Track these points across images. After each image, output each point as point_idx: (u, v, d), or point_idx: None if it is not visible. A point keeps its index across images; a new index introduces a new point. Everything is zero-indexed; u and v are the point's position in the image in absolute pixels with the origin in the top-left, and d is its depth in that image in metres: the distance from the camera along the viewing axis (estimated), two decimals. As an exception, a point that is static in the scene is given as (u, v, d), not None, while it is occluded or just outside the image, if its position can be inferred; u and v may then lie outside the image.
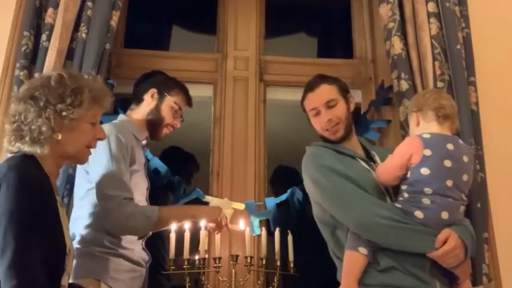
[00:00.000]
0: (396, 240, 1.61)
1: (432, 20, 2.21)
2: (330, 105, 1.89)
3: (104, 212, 1.74)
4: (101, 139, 1.55)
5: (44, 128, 1.37)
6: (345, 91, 1.94)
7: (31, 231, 1.26)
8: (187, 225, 1.94)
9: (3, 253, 1.22)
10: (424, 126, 1.77)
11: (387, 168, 1.74)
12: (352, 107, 1.95)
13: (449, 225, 1.62)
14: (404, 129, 2.15)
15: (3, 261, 1.22)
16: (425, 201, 1.63)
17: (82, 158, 1.53)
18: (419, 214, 1.62)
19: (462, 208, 1.69)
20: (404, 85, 2.16)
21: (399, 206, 1.66)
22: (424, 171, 1.65)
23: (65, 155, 1.46)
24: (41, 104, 1.39)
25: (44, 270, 1.25)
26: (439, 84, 2.13)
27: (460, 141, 1.76)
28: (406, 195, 1.68)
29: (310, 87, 1.97)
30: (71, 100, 1.41)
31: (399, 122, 2.22)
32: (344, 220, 1.70)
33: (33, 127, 1.37)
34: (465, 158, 1.69)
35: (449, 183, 1.64)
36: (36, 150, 1.38)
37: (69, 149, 1.45)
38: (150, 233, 1.86)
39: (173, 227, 1.91)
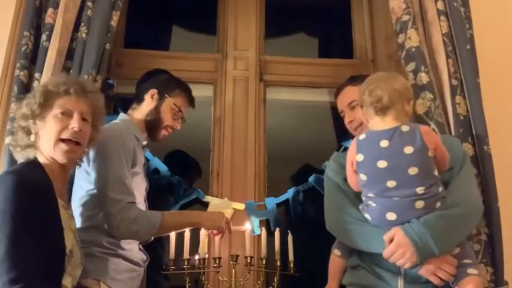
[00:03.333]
0: (355, 240, 1.66)
1: (442, 18, 2.19)
2: (352, 106, 1.89)
3: (106, 215, 1.73)
4: (73, 128, 1.51)
5: (20, 134, 1.48)
6: None
7: (25, 231, 1.28)
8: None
9: None
10: (371, 124, 1.67)
11: (348, 177, 1.72)
12: None
13: (401, 224, 1.55)
14: (425, 122, 2.04)
15: None
16: (371, 204, 1.61)
17: (58, 153, 1.50)
18: (367, 217, 1.64)
19: (421, 203, 1.54)
20: (425, 78, 2.09)
21: (360, 209, 1.68)
22: (362, 176, 1.62)
23: (50, 156, 1.49)
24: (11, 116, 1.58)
25: (38, 268, 1.26)
26: (454, 82, 2.09)
27: (405, 128, 1.58)
28: (363, 198, 1.67)
29: (337, 90, 1.99)
30: (27, 102, 1.51)
31: (414, 116, 2.09)
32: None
33: (14, 136, 1.51)
34: (409, 149, 1.55)
35: (390, 184, 1.55)
36: (29, 155, 1.47)
37: (44, 148, 1.49)
38: (152, 238, 1.85)
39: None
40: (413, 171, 1.54)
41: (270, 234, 2.15)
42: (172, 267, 1.99)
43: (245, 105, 2.61)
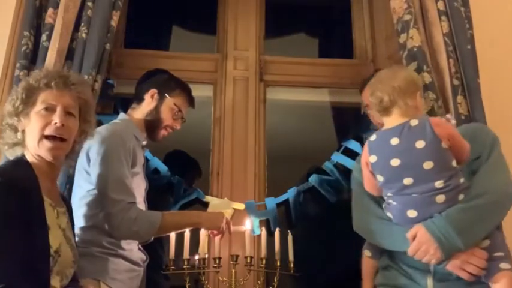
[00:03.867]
0: (380, 240, 1.65)
1: (443, 18, 2.19)
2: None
3: (107, 215, 1.73)
4: (56, 124, 1.44)
5: (7, 131, 1.45)
6: None
7: (5, 231, 1.24)
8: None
9: None
10: (383, 124, 1.65)
11: (364, 180, 1.69)
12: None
13: (424, 220, 1.52)
14: None
15: None
16: (392, 202, 1.60)
17: (43, 150, 1.44)
18: (390, 215, 1.62)
19: (442, 197, 1.50)
20: (427, 78, 2.09)
21: (384, 208, 1.66)
22: (379, 177, 1.60)
23: (36, 154, 1.44)
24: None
25: (20, 269, 1.23)
26: (455, 81, 2.09)
27: (414, 122, 1.54)
28: (384, 198, 1.65)
29: (362, 85, 1.92)
30: (11, 98, 1.47)
31: None
32: None
33: (2, 134, 1.47)
34: (420, 143, 1.51)
35: (407, 181, 1.53)
36: (17, 154, 1.44)
37: (29, 147, 1.45)
38: (152, 238, 1.85)
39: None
40: (428, 165, 1.50)
41: (270, 234, 2.15)
42: (172, 267, 1.99)
43: (245, 105, 2.61)
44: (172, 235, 1.96)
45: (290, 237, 2.10)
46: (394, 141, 1.55)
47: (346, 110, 2.97)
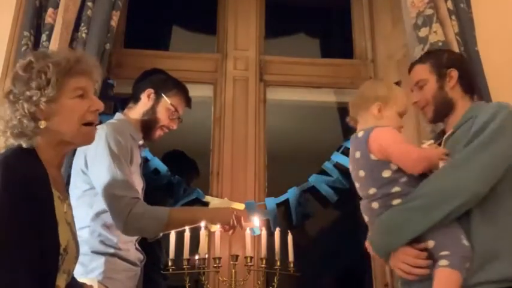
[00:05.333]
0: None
1: (453, 17, 2.19)
2: (419, 85, 1.77)
3: (113, 212, 1.72)
4: (97, 110, 1.38)
5: (24, 121, 1.29)
6: (442, 67, 1.75)
7: (16, 231, 1.18)
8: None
9: None
10: None
11: None
12: (451, 83, 1.73)
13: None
14: None
15: None
16: None
17: (83, 138, 1.38)
18: None
19: (376, 204, 1.56)
20: None
21: None
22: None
23: (62, 141, 1.35)
24: (12, 97, 1.31)
25: (29, 269, 1.17)
26: None
27: (361, 133, 1.63)
28: None
29: (409, 68, 1.86)
30: (37, 83, 1.30)
31: None
32: None
33: (14, 122, 1.29)
34: (357, 154, 1.61)
35: (357, 185, 1.64)
36: (21, 143, 1.29)
37: (62, 134, 1.33)
38: (161, 234, 1.85)
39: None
40: (361, 174, 1.60)
41: (270, 234, 2.15)
42: (172, 267, 1.99)
43: (245, 105, 2.61)
44: (172, 235, 1.96)
45: (290, 237, 2.10)
46: (352, 149, 1.67)
47: (346, 110, 2.96)
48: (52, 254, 1.25)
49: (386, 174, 1.56)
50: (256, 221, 2.07)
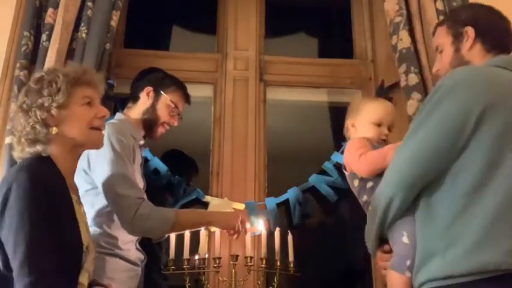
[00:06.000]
0: None
1: (441, 17, 2.20)
2: (439, 51, 1.57)
3: (119, 212, 1.72)
4: (104, 117, 1.52)
5: (37, 127, 1.39)
6: (458, 25, 1.52)
7: (43, 230, 1.26)
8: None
9: (15, 252, 1.23)
10: None
11: None
12: (467, 44, 1.49)
13: None
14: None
15: (15, 260, 1.23)
16: None
17: (93, 141, 1.50)
18: None
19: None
20: (414, 79, 2.12)
21: None
22: None
23: (74, 145, 1.45)
24: (26, 107, 1.42)
25: (57, 268, 1.24)
26: None
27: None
28: None
29: (432, 33, 1.71)
30: (48, 91, 1.42)
31: (407, 117, 2.12)
32: None
33: (28, 129, 1.40)
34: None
35: None
36: (37, 149, 1.39)
37: (74, 138, 1.44)
38: (166, 235, 1.84)
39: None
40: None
41: (270, 234, 2.15)
42: (173, 267, 1.99)
43: (245, 105, 2.61)
44: (173, 235, 1.96)
45: (290, 237, 2.10)
46: None
47: (346, 110, 2.97)
48: (76, 251, 1.34)
49: (356, 183, 1.61)
50: (260, 225, 2.07)
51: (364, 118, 1.69)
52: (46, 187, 1.31)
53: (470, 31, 1.50)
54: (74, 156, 1.48)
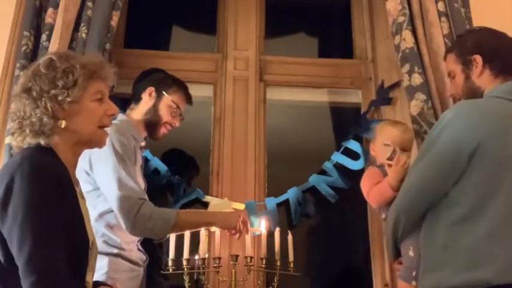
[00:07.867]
0: None
1: (443, 19, 2.19)
2: (451, 76, 1.67)
3: (120, 213, 1.72)
4: (113, 114, 1.43)
5: (45, 119, 1.28)
6: (466, 53, 1.59)
7: (50, 223, 1.17)
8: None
9: (22, 247, 1.13)
10: None
11: None
12: (477, 71, 1.57)
13: None
14: (417, 123, 2.07)
15: (21, 255, 1.13)
16: None
17: (99, 140, 1.40)
18: None
19: None
20: (418, 79, 2.11)
21: None
22: None
23: (79, 141, 1.36)
24: (35, 94, 1.30)
25: (66, 265, 1.16)
26: None
27: None
28: None
29: (443, 58, 1.78)
30: (63, 82, 1.31)
31: (410, 117, 2.12)
32: None
33: (33, 120, 1.29)
34: None
35: None
36: (40, 141, 1.29)
37: (81, 134, 1.35)
38: (167, 236, 1.84)
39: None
40: None
41: (270, 234, 2.15)
42: (173, 267, 1.99)
43: (245, 105, 2.61)
44: (172, 235, 1.96)
45: (290, 237, 2.10)
46: None
47: (346, 110, 2.97)
48: (83, 247, 1.26)
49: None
50: (262, 226, 2.07)
51: (378, 140, 1.90)
52: (52, 177, 1.22)
53: (478, 59, 1.57)
54: (76, 151, 1.38)
